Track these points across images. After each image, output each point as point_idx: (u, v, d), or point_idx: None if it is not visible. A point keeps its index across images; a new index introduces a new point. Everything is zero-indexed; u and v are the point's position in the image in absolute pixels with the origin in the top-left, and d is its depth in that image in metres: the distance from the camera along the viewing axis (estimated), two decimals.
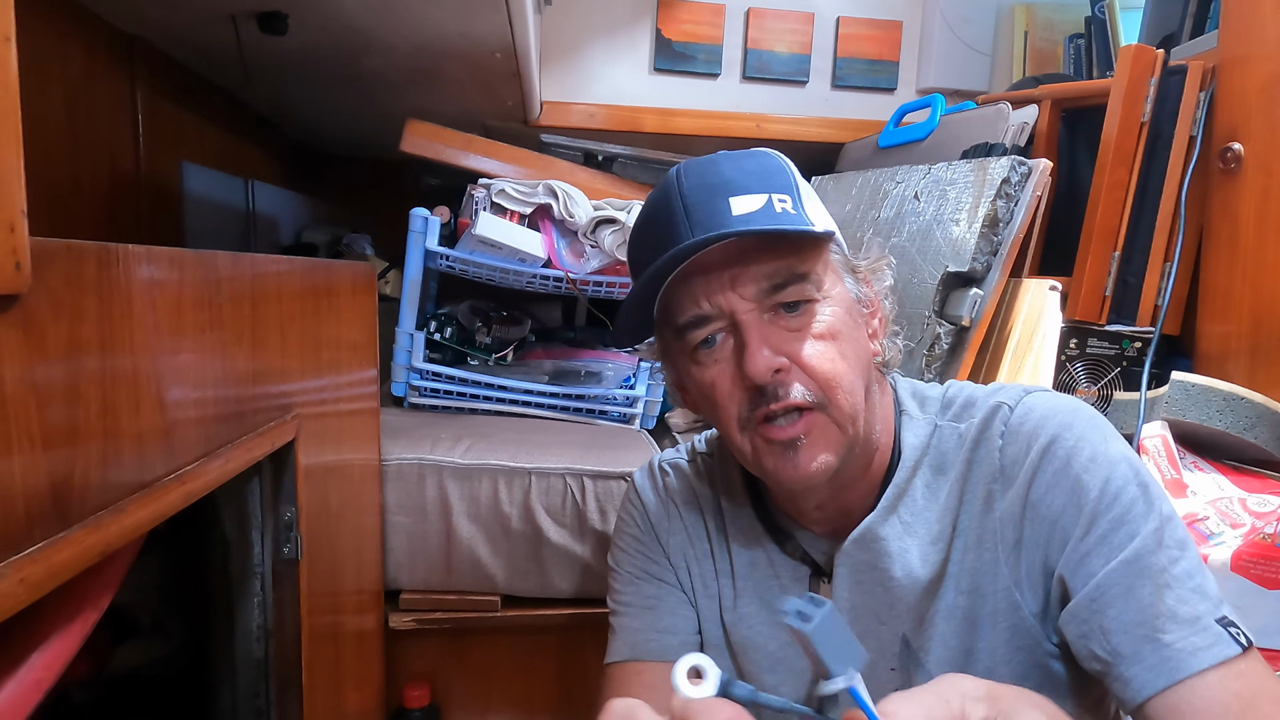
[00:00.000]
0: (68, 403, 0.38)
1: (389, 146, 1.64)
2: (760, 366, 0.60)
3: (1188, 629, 0.54)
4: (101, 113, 1.32)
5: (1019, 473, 0.63)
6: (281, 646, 0.70)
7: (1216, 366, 1.19)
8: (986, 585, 0.63)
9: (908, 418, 0.70)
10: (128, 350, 0.43)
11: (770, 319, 0.62)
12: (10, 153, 0.32)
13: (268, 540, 0.69)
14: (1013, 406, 0.65)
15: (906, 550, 0.66)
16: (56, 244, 0.37)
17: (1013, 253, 1.21)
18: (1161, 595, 0.55)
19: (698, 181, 0.64)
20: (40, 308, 0.36)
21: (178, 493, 0.48)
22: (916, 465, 0.68)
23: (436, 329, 1.43)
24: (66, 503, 0.38)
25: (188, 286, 0.51)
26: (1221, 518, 0.97)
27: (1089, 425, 0.62)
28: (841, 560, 0.68)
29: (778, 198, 0.62)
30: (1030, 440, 0.63)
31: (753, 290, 0.62)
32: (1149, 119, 1.25)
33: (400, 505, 1.13)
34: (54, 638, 0.46)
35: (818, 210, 0.66)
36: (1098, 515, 0.58)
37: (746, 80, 1.95)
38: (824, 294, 0.64)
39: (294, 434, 0.70)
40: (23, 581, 0.33)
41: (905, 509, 0.67)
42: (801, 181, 0.66)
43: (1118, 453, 0.60)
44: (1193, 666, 0.53)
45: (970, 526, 0.65)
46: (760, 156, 0.66)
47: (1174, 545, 0.57)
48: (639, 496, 0.81)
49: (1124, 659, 0.55)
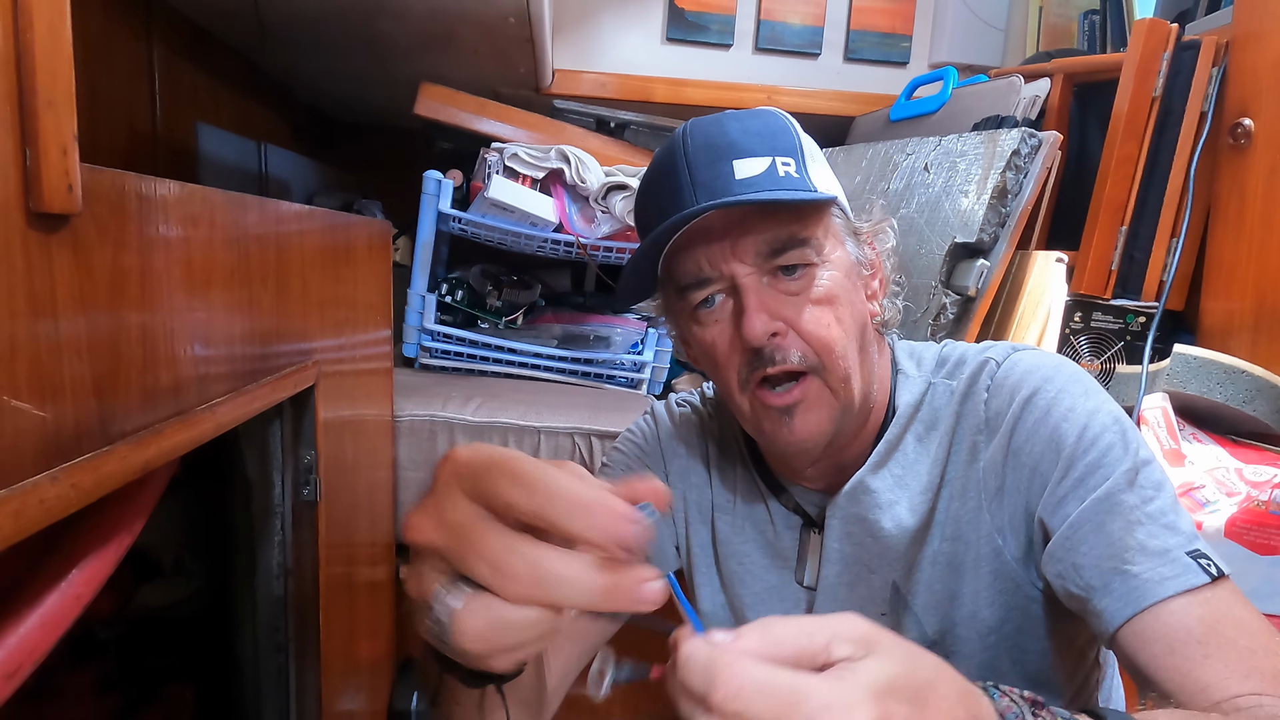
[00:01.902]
0: (111, 324, 0.40)
1: (401, 113, 1.65)
2: (757, 330, 0.62)
3: (1155, 560, 0.55)
4: (119, 72, 1.33)
5: (1001, 423, 0.65)
6: (300, 585, 0.73)
7: (1219, 342, 1.21)
8: (969, 532, 0.66)
9: (904, 376, 0.71)
10: (164, 282, 0.45)
11: (770, 282, 0.64)
12: (64, 77, 0.34)
13: (288, 481, 0.71)
14: (999, 362, 0.68)
15: (896, 502, 0.68)
16: (104, 171, 0.39)
17: (1020, 224, 1.22)
18: (1132, 530, 0.57)
19: (703, 142, 0.65)
20: (88, 231, 0.38)
21: (209, 422, 0.50)
22: (909, 421, 0.70)
23: (448, 291, 1.45)
24: (111, 419, 0.40)
25: (219, 227, 0.53)
26: (1218, 486, 0.99)
27: (1070, 379, 0.64)
28: (833, 512, 0.71)
29: (781, 160, 0.63)
30: (1013, 392, 0.65)
31: (752, 254, 0.63)
32: (1160, 94, 1.26)
33: (412, 460, 1.15)
34: (92, 556, 0.48)
35: (821, 173, 0.67)
36: (1075, 460, 0.60)
37: (759, 52, 1.95)
38: (823, 258, 0.65)
39: (314, 380, 0.72)
40: (74, 486, 0.36)
41: (896, 463, 0.69)
42: (807, 143, 0.67)
43: (1096, 403, 0.63)
44: (1158, 594, 0.54)
45: (956, 476, 0.67)
46: (766, 116, 0.67)
47: (1149, 486, 0.59)
48: (654, 416, 0.84)
49: (1095, 592, 0.57)
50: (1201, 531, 0.95)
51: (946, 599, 0.67)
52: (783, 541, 0.75)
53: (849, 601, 0.71)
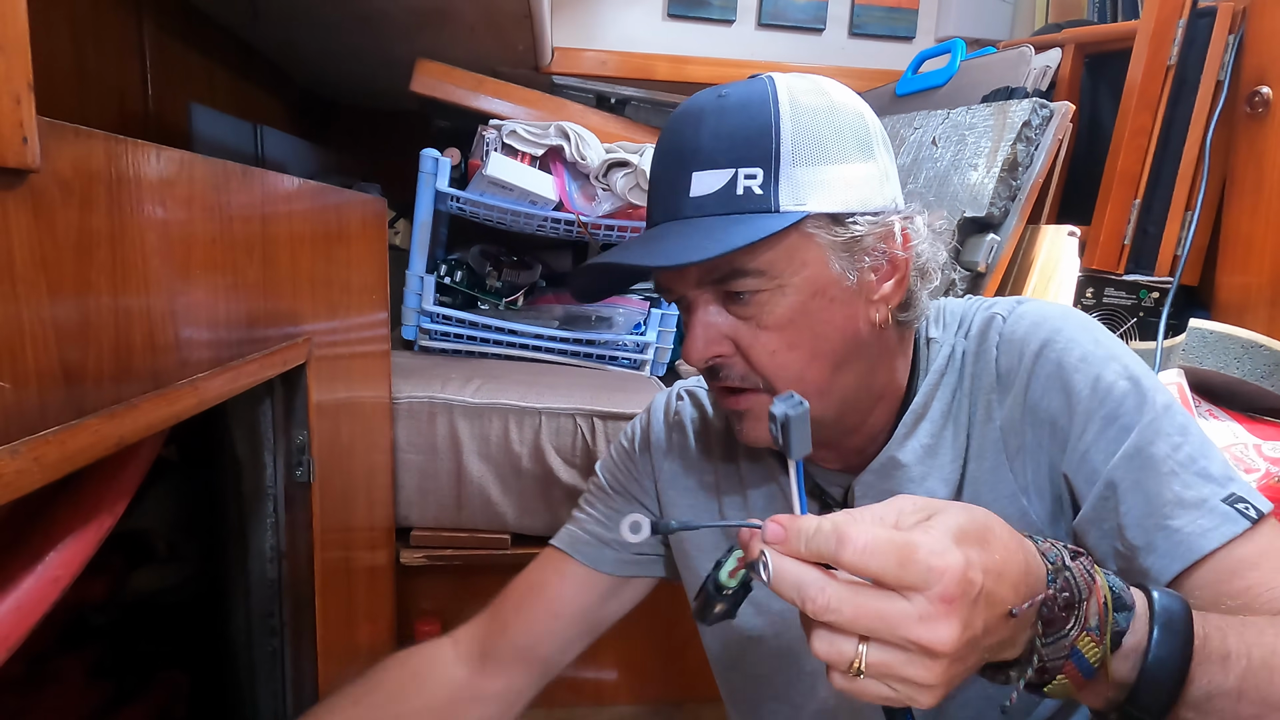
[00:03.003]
0: (79, 292, 0.38)
1: (399, 95, 1.62)
2: (695, 357, 0.61)
3: (1195, 512, 0.55)
4: (109, 50, 1.30)
5: (1014, 380, 0.63)
6: (295, 568, 0.71)
7: (1235, 317, 1.18)
8: (987, 494, 0.64)
9: (934, 344, 0.69)
10: (138, 247, 0.43)
11: (723, 300, 0.61)
12: (15, 21, 0.32)
13: (280, 462, 0.69)
14: (1005, 316, 0.65)
15: (929, 474, 0.66)
16: (65, 127, 0.36)
17: (1031, 198, 1.19)
18: (1167, 483, 0.56)
19: (672, 144, 0.61)
20: (50, 190, 0.35)
21: (191, 397, 0.48)
22: (934, 388, 0.67)
23: (447, 273, 1.42)
24: (80, 390, 0.38)
25: (198, 193, 0.50)
26: (1236, 464, 0.97)
27: (1079, 328, 0.62)
28: (862, 491, 0.68)
29: (745, 173, 0.57)
30: (1023, 347, 0.63)
31: (697, 279, 0.60)
32: (1175, 62, 1.22)
33: (411, 443, 1.13)
34: (70, 538, 0.46)
35: (806, 179, 0.58)
36: (1092, 413, 0.59)
37: (762, 27, 1.91)
38: (780, 281, 0.59)
39: (305, 358, 0.69)
40: (37, 460, 0.33)
41: (924, 431, 0.67)
42: (797, 140, 0.58)
43: (1107, 351, 0.61)
44: (1203, 548, 0.54)
45: (974, 436, 0.65)
46: (751, 108, 0.59)
47: (1175, 432, 0.58)
48: (648, 416, 0.82)
49: (1140, 551, 0.56)
50: None
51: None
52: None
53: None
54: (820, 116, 0.59)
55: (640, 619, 0.82)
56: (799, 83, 0.60)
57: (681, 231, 0.58)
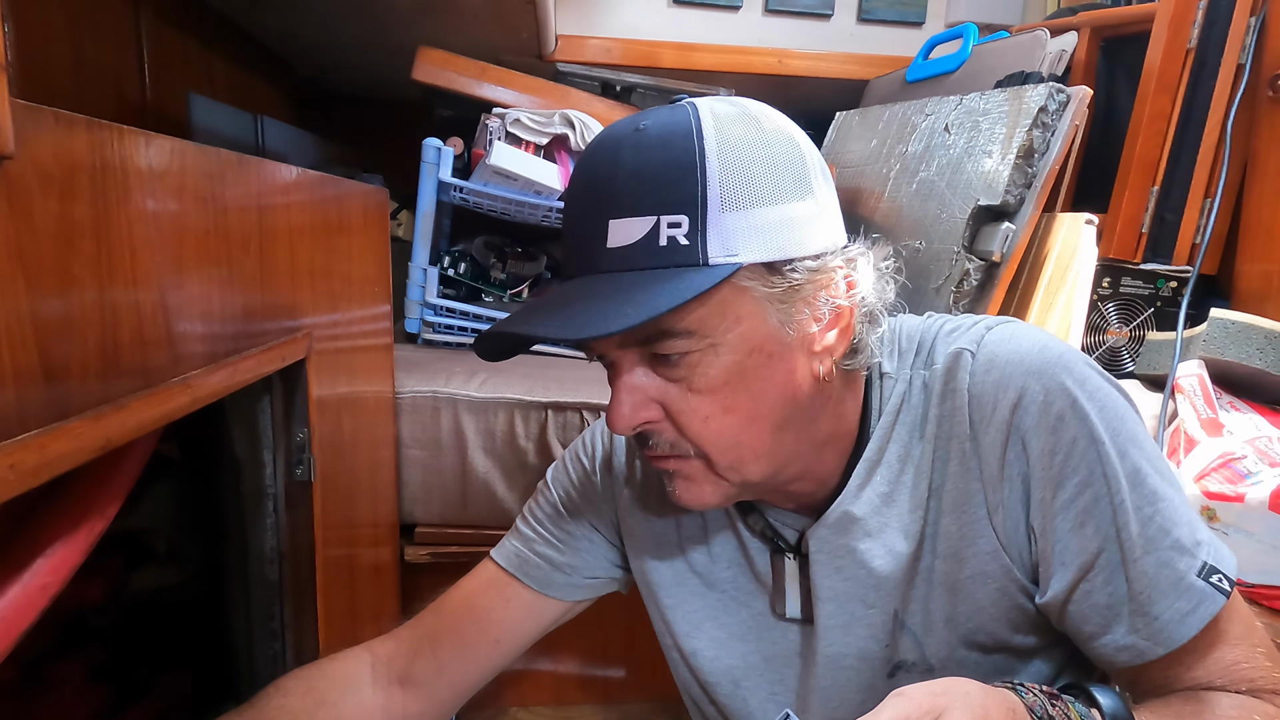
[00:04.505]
0: (60, 286, 0.36)
1: (401, 85, 1.59)
2: (620, 425, 0.56)
3: (1172, 595, 0.54)
4: (105, 38, 1.27)
5: (989, 433, 0.58)
6: (296, 568, 0.69)
7: (1255, 306, 1.15)
8: (967, 550, 0.59)
9: (888, 380, 0.63)
10: (125, 239, 0.41)
11: (650, 360, 0.56)
12: None
13: (280, 461, 0.67)
14: (974, 353, 0.59)
15: (887, 525, 0.61)
16: (44, 111, 0.34)
17: (1047, 186, 1.16)
18: (1141, 568, 0.54)
19: (587, 185, 0.55)
20: (27, 178, 0.33)
21: (184, 396, 0.46)
22: (890, 429, 0.62)
23: (450, 264, 1.40)
24: (63, 389, 0.36)
25: (190, 182, 0.48)
26: (1259, 457, 0.94)
27: (1053, 375, 0.57)
28: (817, 545, 0.63)
29: (669, 221, 0.51)
30: (997, 397, 0.58)
31: (619, 338, 0.55)
32: (1195, 45, 1.19)
33: (415, 439, 1.11)
34: (58, 544, 0.44)
35: (737, 226, 0.52)
36: (1063, 479, 0.56)
37: (769, 13, 1.88)
38: (712, 340, 0.54)
39: (304, 353, 0.67)
40: (13, 467, 0.31)
41: (881, 479, 0.62)
42: (726, 181, 0.52)
43: (1085, 407, 0.56)
44: (1184, 635, 0.54)
45: (949, 488, 0.60)
46: (672, 146, 0.52)
47: (1145, 503, 0.55)
48: (609, 433, 0.75)
49: (1118, 630, 0.56)
50: (1244, 504, 0.91)
51: (944, 621, 0.61)
52: (757, 568, 0.68)
53: (848, 642, 0.64)
54: (751, 151, 0.53)
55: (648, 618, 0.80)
56: (725, 109, 0.54)
57: (600, 291, 0.52)
